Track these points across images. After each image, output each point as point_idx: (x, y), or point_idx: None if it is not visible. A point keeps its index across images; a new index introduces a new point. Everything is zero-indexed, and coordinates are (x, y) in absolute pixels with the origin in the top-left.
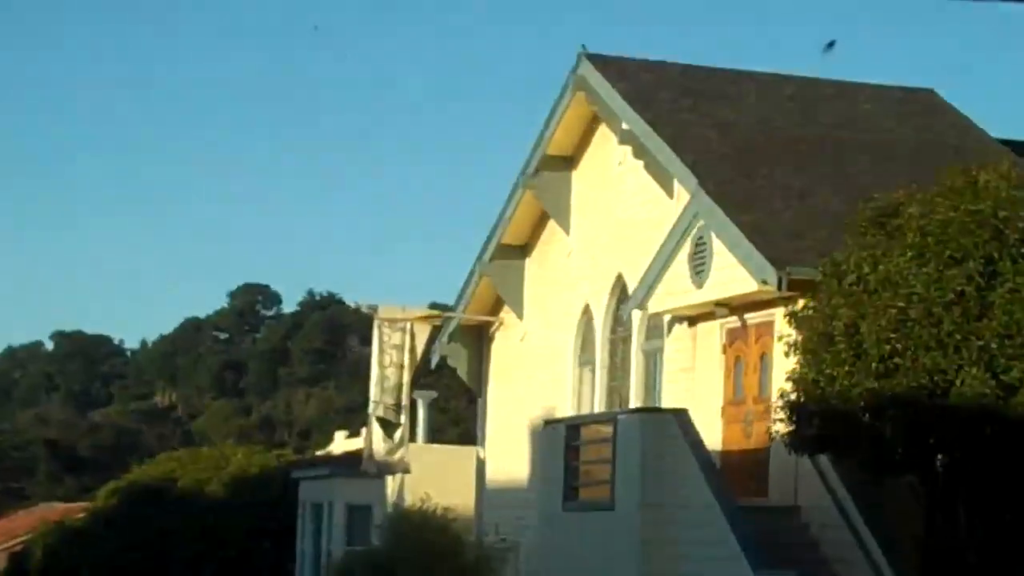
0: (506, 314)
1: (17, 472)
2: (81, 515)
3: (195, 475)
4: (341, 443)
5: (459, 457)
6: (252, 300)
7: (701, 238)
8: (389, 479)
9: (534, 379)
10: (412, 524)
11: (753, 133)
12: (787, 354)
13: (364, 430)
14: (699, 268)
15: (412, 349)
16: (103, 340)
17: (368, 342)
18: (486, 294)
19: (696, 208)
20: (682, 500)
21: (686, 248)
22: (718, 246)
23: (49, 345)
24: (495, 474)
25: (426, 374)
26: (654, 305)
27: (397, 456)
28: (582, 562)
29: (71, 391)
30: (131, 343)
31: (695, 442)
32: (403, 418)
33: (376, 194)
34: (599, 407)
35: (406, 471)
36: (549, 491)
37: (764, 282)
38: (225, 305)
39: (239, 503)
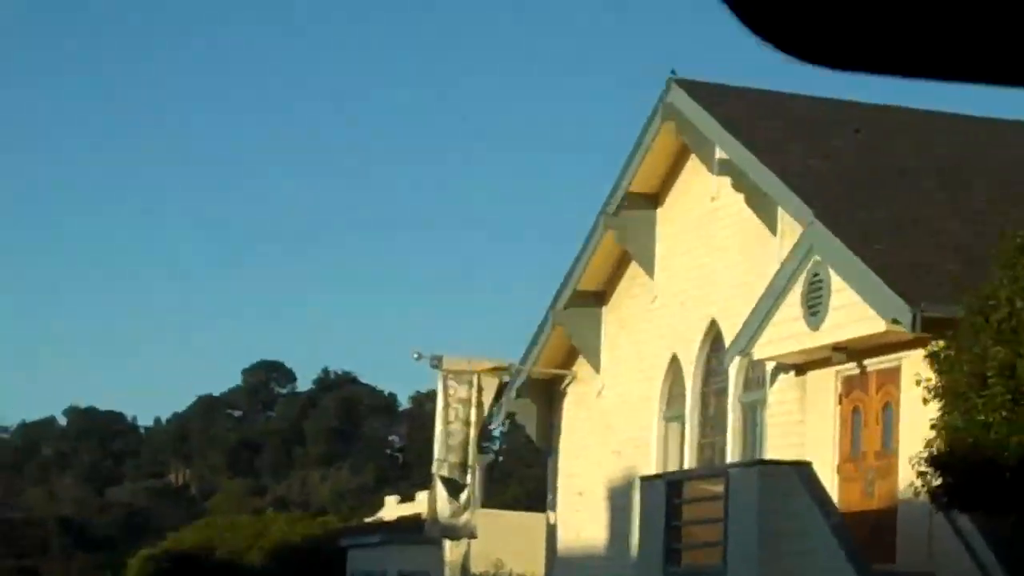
0: (580, 367)
1: (30, 549)
2: None
3: (234, 543)
4: (392, 508)
5: (525, 522)
6: (266, 378)
7: (817, 275)
8: (447, 545)
9: (612, 437)
10: None
11: (865, 163)
12: (927, 401)
13: (421, 493)
14: (814, 309)
15: (479, 404)
16: (116, 417)
17: (386, 420)
18: (558, 346)
19: (811, 242)
20: (807, 565)
21: (798, 287)
22: (837, 283)
23: (62, 421)
24: (567, 540)
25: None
26: (760, 352)
27: (463, 519)
28: None
29: (84, 468)
30: (144, 420)
31: (822, 499)
32: (469, 478)
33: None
34: (688, 465)
35: (472, 536)
36: (648, 555)
37: (895, 321)
38: (239, 383)
39: (282, 573)
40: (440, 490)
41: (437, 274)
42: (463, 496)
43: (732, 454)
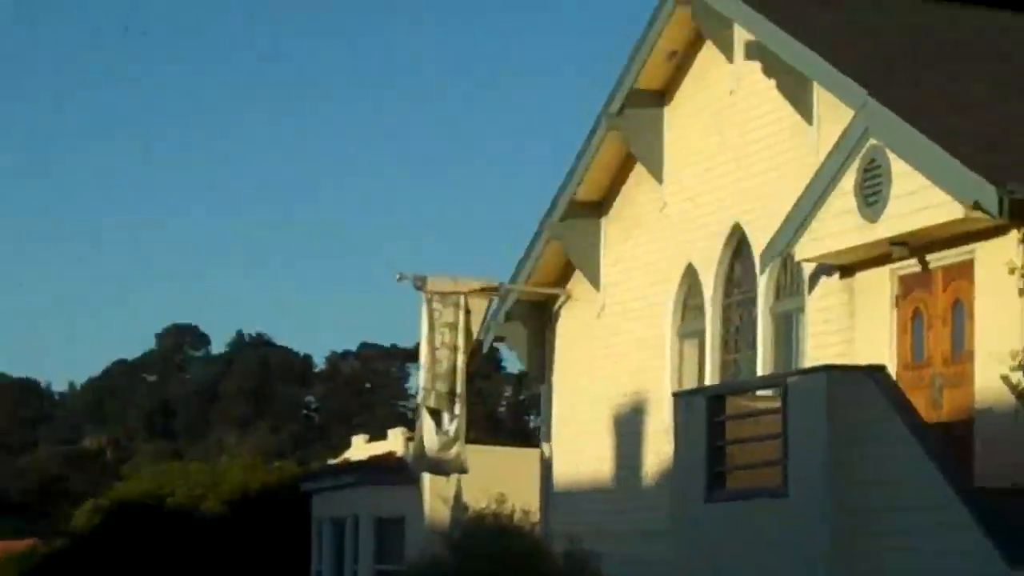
0: (576, 286)
1: None
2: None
3: (187, 491)
4: (361, 448)
5: (513, 458)
6: (180, 341)
7: (873, 161)
8: (427, 486)
9: (616, 360)
10: (488, 531)
11: (908, 38)
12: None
13: (393, 431)
14: (871, 199)
15: (467, 328)
16: (29, 383)
17: (300, 382)
18: (552, 263)
19: (865, 124)
20: (887, 479)
21: (851, 176)
22: (900, 168)
23: None
24: (565, 475)
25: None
26: (804, 251)
27: (452, 453)
28: (738, 565)
29: None
30: (59, 386)
31: (903, 406)
32: (458, 408)
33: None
34: (709, 382)
35: (463, 470)
36: (684, 481)
37: (976, 206)
38: (153, 347)
39: (241, 521)
40: (427, 422)
41: (419, 192)
42: (452, 428)
43: (763, 370)
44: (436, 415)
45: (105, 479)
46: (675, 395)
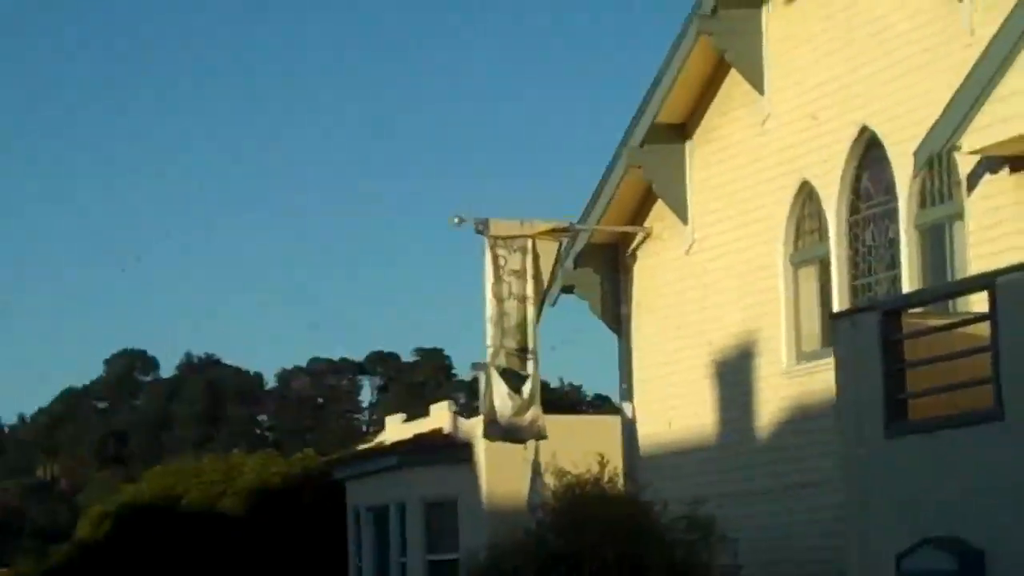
0: (657, 221)
1: None
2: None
3: (202, 490)
4: (397, 429)
5: (584, 426)
6: (129, 367)
7: None
8: (481, 461)
9: (713, 301)
10: (593, 499)
11: None
12: None
13: (436, 405)
14: None
15: (537, 275)
16: None
17: (252, 401)
18: (627, 199)
19: None
20: None
21: None
22: None
23: None
24: (652, 435)
25: None
26: (972, 141)
27: (528, 416)
28: (934, 508)
29: None
30: (8, 419)
31: None
32: (531, 367)
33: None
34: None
35: (541, 436)
36: (853, 417)
37: None
38: (102, 373)
39: (264, 519)
40: (497, 383)
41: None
42: (526, 388)
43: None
44: (508, 375)
45: (60, 509)
46: (835, 317)
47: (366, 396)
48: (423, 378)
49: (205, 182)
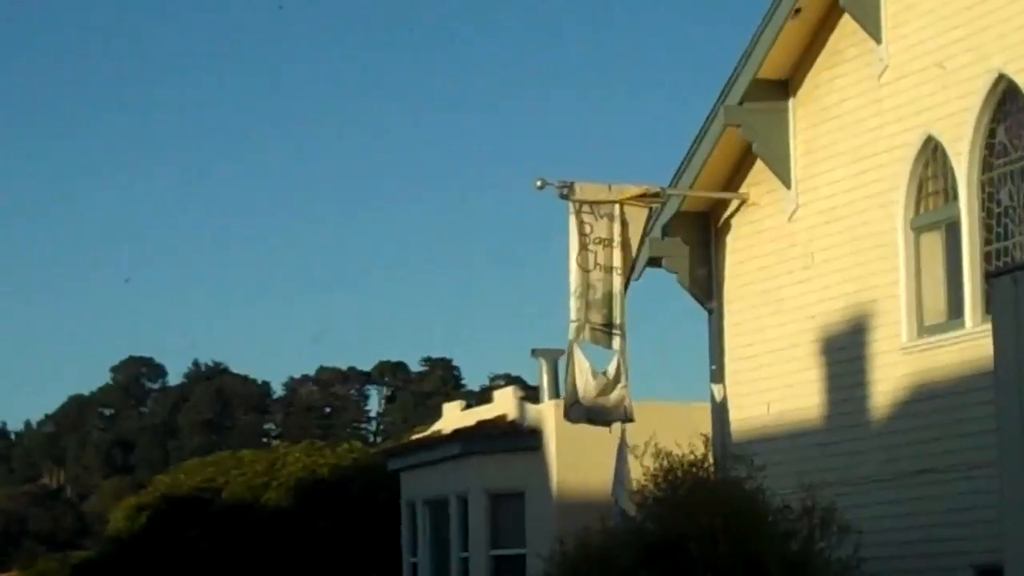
0: (755, 187)
1: None
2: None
3: (243, 482)
4: (456, 417)
5: (672, 413)
6: (137, 374)
7: None
8: (551, 449)
9: (820, 271)
10: (705, 485)
11: None
12: None
13: (499, 392)
14: None
15: (625, 244)
16: None
17: (259, 409)
18: (720, 164)
19: None
20: None
21: None
22: None
23: None
24: (745, 419)
25: None
26: None
27: (614, 397)
28: None
29: None
30: (15, 425)
31: None
32: (617, 343)
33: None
34: (968, 283)
35: (627, 418)
36: (1011, 393)
37: None
38: (109, 381)
39: (310, 512)
40: (580, 360)
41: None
42: (612, 366)
43: None
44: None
45: (66, 517)
46: (992, 275)
47: (373, 405)
48: (431, 388)
49: (215, 190)
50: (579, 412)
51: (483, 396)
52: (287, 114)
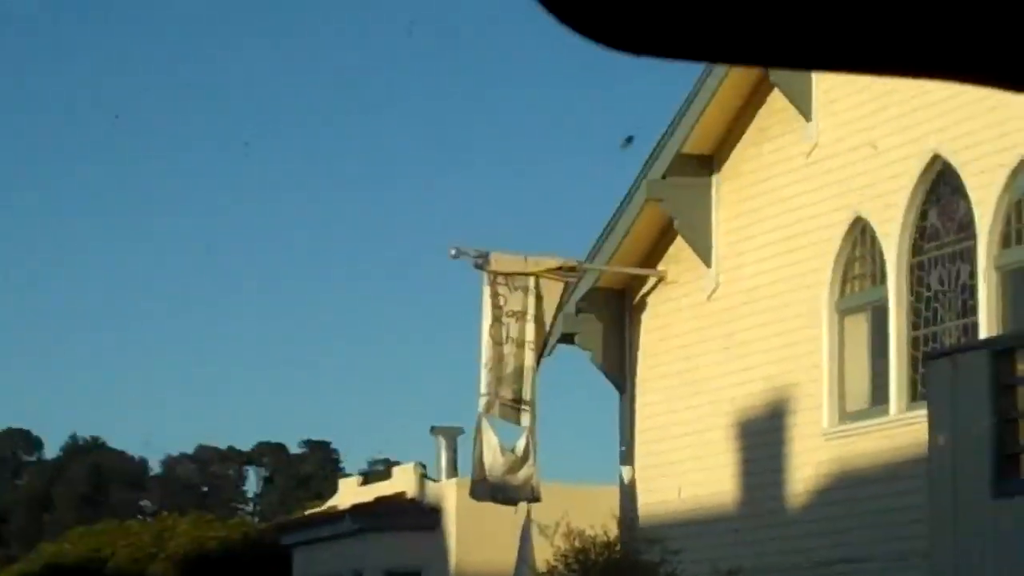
0: (672, 265)
1: None
2: None
3: (129, 552)
4: (352, 492)
5: (573, 495)
6: (12, 446)
7: None
8: (451, 527)
9: (738, 353)
10: (610, 568)
11: None
12: None
13: (399, 468)
14: None
15: (539, 318)
16: None
17: (136, 486)
18: (638, 240)
19: None
20: None
21: None
22: None
23: None
24: (654, 505)
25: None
26: None
27: (522, 476)
28: None
29: None
30: None
31: None
32: (526, 419)
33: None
34: (894, 368)
35: (534, 498)
36: (949, 474)
37: None
38: None
39: None
40: (489, 436)
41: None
42: (520, 444)
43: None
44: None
45: None
46: (930, 357)
47: (252, 486)
48: (310, 470)
49: (98, 259)
50: (485, 489)
51: (366, 478)
52: (143, 203)
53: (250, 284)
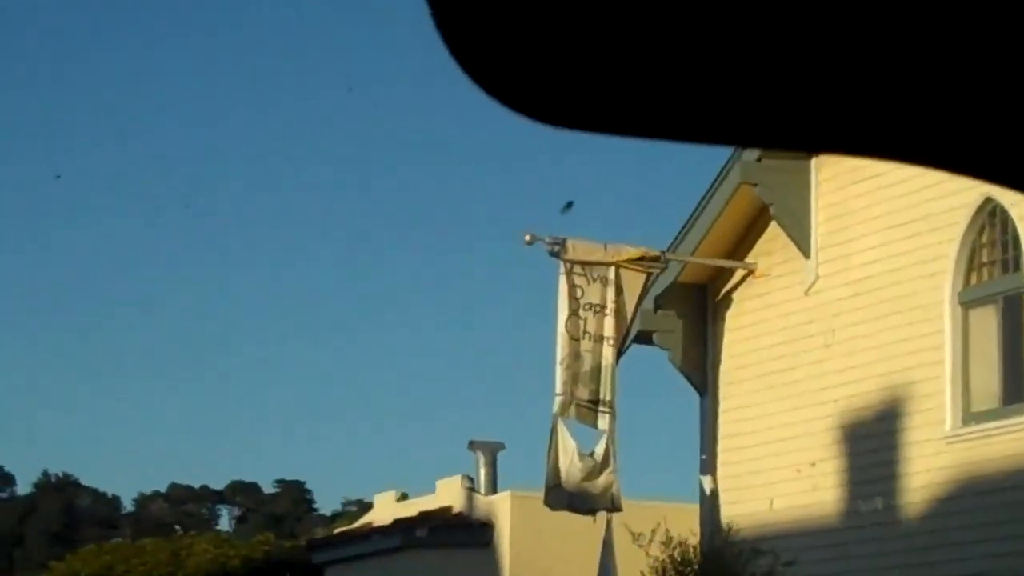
0: (764, 257)
1: None
2: None
3: (146, 571)
4: (390, 508)
5: (646, 511)
6: None
7: None
8: (505, 543)
9: (843, 350)
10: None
11: None
12: None
13: (443, 481)
14: None
15: (619, 311)
16: None
17: (107, 524)
18: (725, 231)
19: None
20: None
21: None
22: None
23: None
24: (739, 516)
25: None
26: None
27: (601, 483)
28: None
29: None
30: None
31: None
32: (606, 422)
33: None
34: None
35: (615, 507)
36: None
37: None
38: None
39: None
40: (565, 440)
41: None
42: (599, 448)
43: None
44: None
45: None
46: None
47: (224, 525)
48: (283, 510)
49: (63, 296)
50: (561, 497)
51: (332, 521)
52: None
53: (226, 323)
